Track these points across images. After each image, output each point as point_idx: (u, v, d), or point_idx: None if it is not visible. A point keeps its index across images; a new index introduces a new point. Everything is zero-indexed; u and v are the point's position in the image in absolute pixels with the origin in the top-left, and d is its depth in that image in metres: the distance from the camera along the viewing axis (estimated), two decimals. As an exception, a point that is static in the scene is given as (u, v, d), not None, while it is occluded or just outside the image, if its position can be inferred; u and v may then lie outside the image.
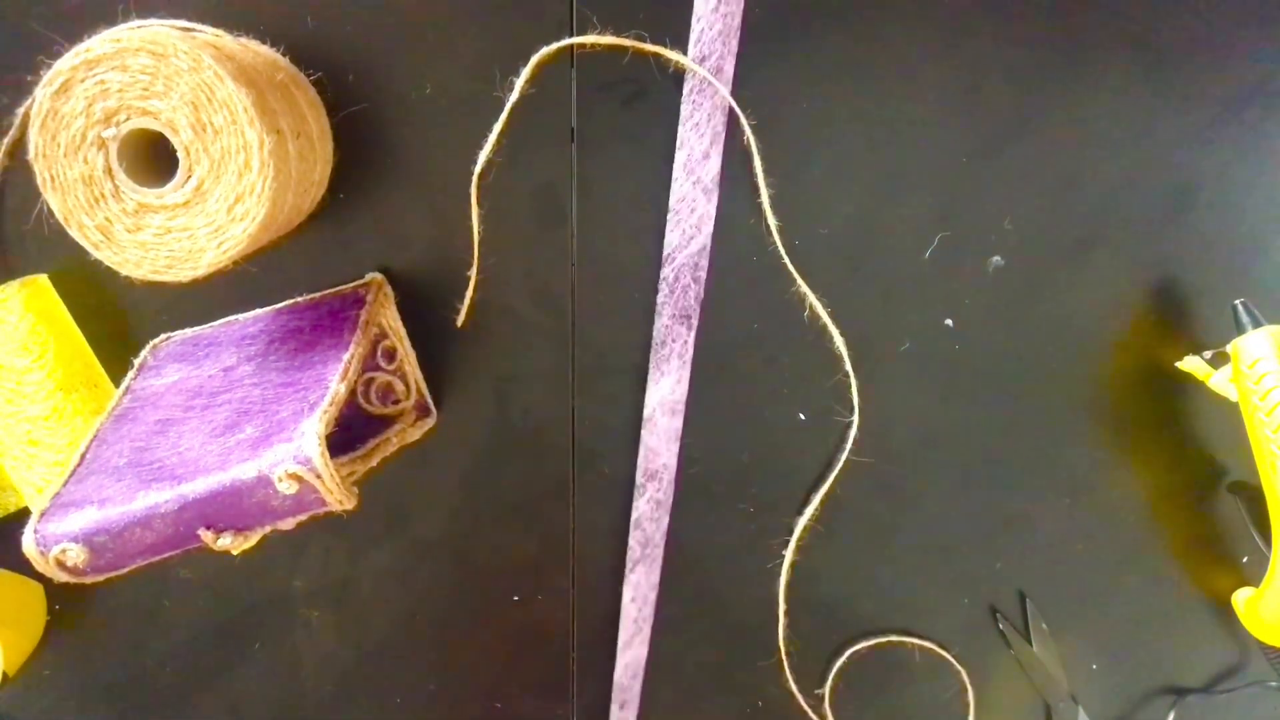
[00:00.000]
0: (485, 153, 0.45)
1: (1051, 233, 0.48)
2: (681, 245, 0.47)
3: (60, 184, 0.36)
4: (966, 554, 0.48)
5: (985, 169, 0.47)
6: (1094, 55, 0.45)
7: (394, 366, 0.46)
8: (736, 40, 0.44)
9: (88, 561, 0.35)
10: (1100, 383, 0.51)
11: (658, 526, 0.51)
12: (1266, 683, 0.54)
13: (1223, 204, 0.48)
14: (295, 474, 0.34)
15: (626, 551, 0.52)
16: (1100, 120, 0.46)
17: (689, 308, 0.47)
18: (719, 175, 0.46)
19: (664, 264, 0.48)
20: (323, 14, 0.43)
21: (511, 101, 0.44)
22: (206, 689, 0.54)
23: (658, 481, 0.50)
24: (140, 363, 0.46)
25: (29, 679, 0.52)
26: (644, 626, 0.52)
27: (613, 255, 0.47)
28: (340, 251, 0.47)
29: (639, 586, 0.51)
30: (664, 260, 0.48)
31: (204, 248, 0.37)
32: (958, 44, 0.45)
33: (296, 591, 0.52)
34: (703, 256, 0.47)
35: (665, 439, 0.49)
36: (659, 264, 0.48)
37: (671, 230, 0.47)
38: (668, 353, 0.48)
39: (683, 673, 0.54)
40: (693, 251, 0.47)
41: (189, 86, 0.35)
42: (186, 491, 0.35)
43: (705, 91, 0.45)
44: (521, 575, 0.53)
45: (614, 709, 0.54)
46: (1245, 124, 0.46)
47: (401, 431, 0.44)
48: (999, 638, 0.55)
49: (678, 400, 0.49)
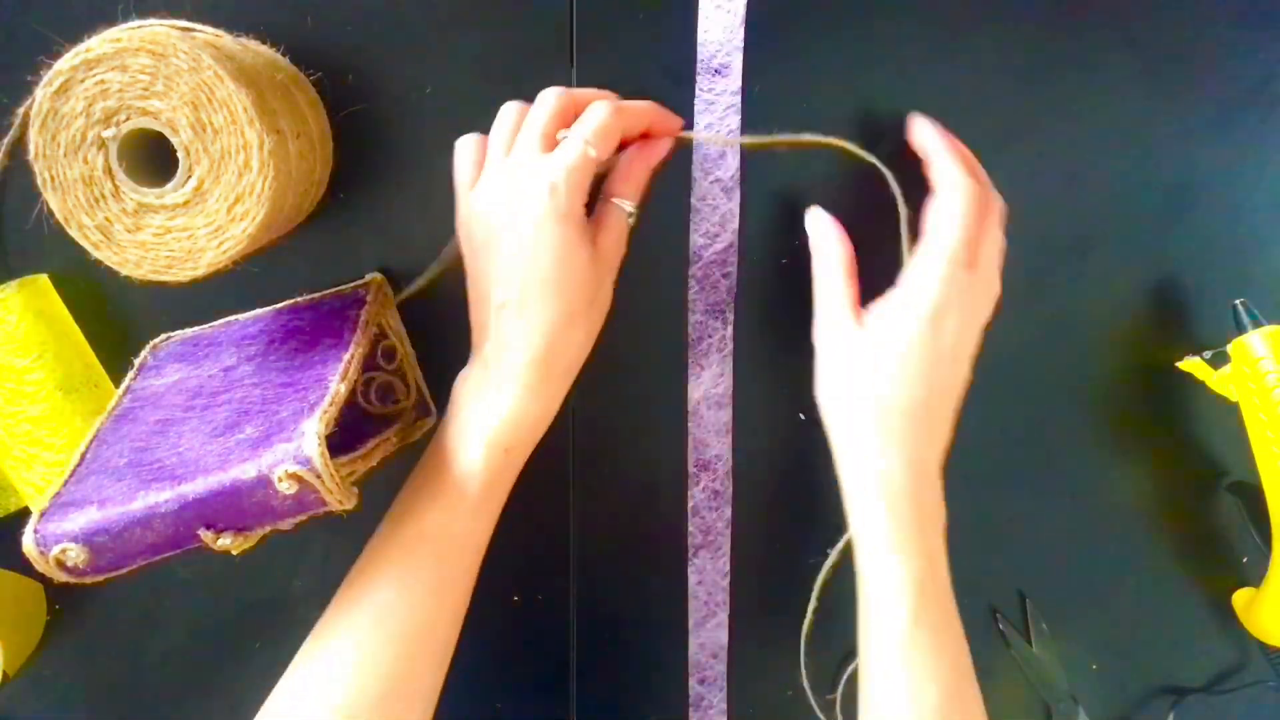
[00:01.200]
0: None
1: (1051, 233, 0.48)
2: (706, 244, 0.48)
3: (60, 184, 0.36)
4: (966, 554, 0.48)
5: (985, 169, 0.47)
6: (1094, 55, 0.45)
7: (394, 366, 0.46)
8: (742, 36, 0.44)
9: (88, 561, 0.35)
10: (1100, 383, 0.51)
11: (719, 515, 0.52)
12: (1266, 683, 0.54)
13: (1223, 204, 0.48)
14: (295, 474, 0.34)
15: (620, 548, 0.52)
16: (1100, 120, 0.46)
17: (722, 302, 0.48)
18: (738, 174, 0.46)
19: (691, 262, 0.48)
20: (323, 14, 0.43)
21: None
22: (206, 689, 0.54)
23: (712, 472, 0.51)
24: (140, 363, 0.46)
25: (29, 679, 0.52)
26: (718, 610, 0.54)
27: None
28: (340, 251, 0.47)
29: (704, 572, 0.53)
30: (692, 259, 0.48)
31: (204, 248, 0.37)
32: (958, 44, 0.45)
33: (296, 591, 0.52)
34: (730, 254, 0.48)
35: (714, 431, 0.50)
36: (673, 263, 0.48)
37: (695, 229, 0.47)
38: (705, 348, 0.49)
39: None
40: (719, 249, 0.48)
41: (189, 86, 0.35)
42: (186, 491, 0.35)
43: (717, 90, 0.45)
44: (521, 575, 0.53)
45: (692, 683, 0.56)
46: (1245, 124, 0.46)
47: (401, 431, 0.44)
48: (999, 638, 0.55)
49: (722, 393, 0.50)
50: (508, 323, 0.41)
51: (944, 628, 0.42)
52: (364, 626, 0.39)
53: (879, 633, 0.42)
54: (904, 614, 0.41)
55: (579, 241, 0.40)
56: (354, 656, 0.39)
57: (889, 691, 0.41)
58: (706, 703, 0.56)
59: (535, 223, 0.39)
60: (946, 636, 0.42)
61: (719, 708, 0.56)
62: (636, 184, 0.43)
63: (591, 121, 0.40)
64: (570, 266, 0.40)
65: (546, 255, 0.40)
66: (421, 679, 0.41)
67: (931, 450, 0.43)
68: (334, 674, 0.38)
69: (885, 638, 0.41)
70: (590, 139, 0.40)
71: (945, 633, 0.42)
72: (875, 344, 0.42)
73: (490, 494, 0.42)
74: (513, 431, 0.41)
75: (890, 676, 0.41)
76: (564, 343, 0.41)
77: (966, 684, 0.43)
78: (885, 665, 0.41)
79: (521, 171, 0.40)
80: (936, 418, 0.43)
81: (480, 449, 0.40)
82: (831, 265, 0.44)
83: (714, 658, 0.55)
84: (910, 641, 0.41)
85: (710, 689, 0.55)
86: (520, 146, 0.41)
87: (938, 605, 0.42)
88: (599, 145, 0.40)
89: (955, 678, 0.42)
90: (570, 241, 0.40)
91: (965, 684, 0.42)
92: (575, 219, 0.40)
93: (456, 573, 0.42)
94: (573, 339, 0.42)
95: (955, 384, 0.43)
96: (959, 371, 0.42)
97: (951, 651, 0.42)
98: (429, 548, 0.40)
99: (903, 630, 0.41)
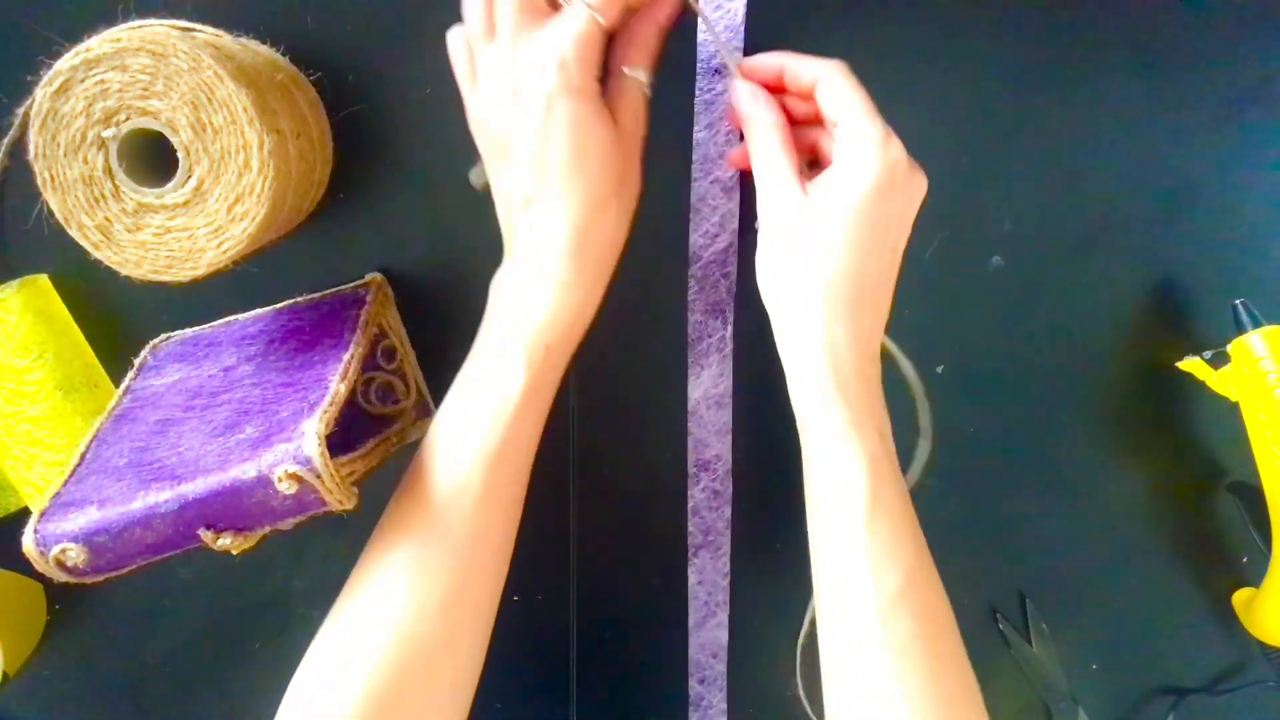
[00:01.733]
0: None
1: (1051, 233, 0.48)
2: (706, 244, 0.48)
3: (60, 184, 0.36)
4: (966, 554, 0.48)
5: (985, 169, 0.47)
6: (1094, 55, 0.45)
7: (394, 366, 0.46)
8: (742, 37, 0.44)
9: (88, 561, 0.35)
10: (1100, 383, 0.51)
11: (718, 515, 0.52)
12: (1266, 683, 0.54)
13: (1223, 204, 0.48)
14: (295, 474, 0.34)
15: (620, 548, 0.52)
16: (1100, 120, 0.46)
17: (722, 302, 0.48)
18: (738, 174, 0.46)
19: (691, 262, 0.48)
20: (323, 14, 0.43)
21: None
22: (206, 689, 0.54)
23: (712, 472, 0.51)
24: (140, 363, 0.46)
25: (29, 679, 0.52)
26: (718, 610, 0.54)
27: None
28: (340, 251, 0.47)
29: (704, 571, 0.53)
30: (691, 259, 0.48)
31: (204, 248, 0.37)
32: (958, 44, 0.45)
33: (296, 591, 0.52)
34: (730, 254, 0.48)
35: (714, 431, 0.50)
36: (673, 263, 0.48)
37: (695, 229, 0.47)
38: (705, 348, 0.48)
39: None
40: (719, 250, 0.48)
41: (189, 86, 0.35)
42: (186, 491, 0.35)
43: (718, 91, 0.45)
44: (521, 575, 0.53)
45: (692, 683, 0.56)
46: (1245, 124, 0.46)
47: (401, 431, 0.44)
48: (999, 638, 0.55)
49: (722, 393, 0.50)
50: (536, 217, 0.38)
51: (901, 508, 0.39)
52: (416, 539, 0.38)
53: (835, 521, 0.39)
54: (861, 498, 0.38)
55: (596, 119, 0.37)
56: (410, 567, 0.38)
57: (848, 583, 0.38)
58: (706, 703, 0.56)
59: (547, 105, 0.36)
60: (903, 517, 0.39)
61: (719, 708, 0.56)
62: (648, 50, 0.40)
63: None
64: (591, 147, 0.37)
65: (564, 139, 0.37)
66: (481, 589, 0.40)
67: (875, 325, 0.41)
68: (396, 584, 0.38)
69: (842, 525, 0.39)
70: (596, 3, 0.36)
71: (902, 514, 0.39)
72: (821, 214, 0.38)
73: (535, 396, 0.40)
74: (551, 328, 0.39)
75: (849, 567, 0.38)
76: (596, 229, 0.39)
77: (927, 567, 0.40)
78: (843, 554, 0.39)
79: (522, 52, 0.37)
80: (881, 292, 0.40)
81: (520, 349, 0.39)
82: (768, 133, 0.40)
83: (714, 658, 0.55)
84: (869, 527, 0.38)
85: (710, 689, 0.55)
86: (508, 23, 0.37)
87: (893, 486, 0.39)
88: (607, 11, 0.36)
89: (916, 560, 0.39)
90: (587, 120, 0.37)
91: (926, 566, 0.40)
92: (590, 95, 0.37)
93: (505, 479, 0.40)
94: (605, 224, 0.39)
95: (895, 260, 0.40)
96: (898, 248, 0.40)
97: (910, 533, 0.39)
98: (475, 454, 0.39)
99: (861, 516, 0.38)
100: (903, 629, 0.37)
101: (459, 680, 0.40)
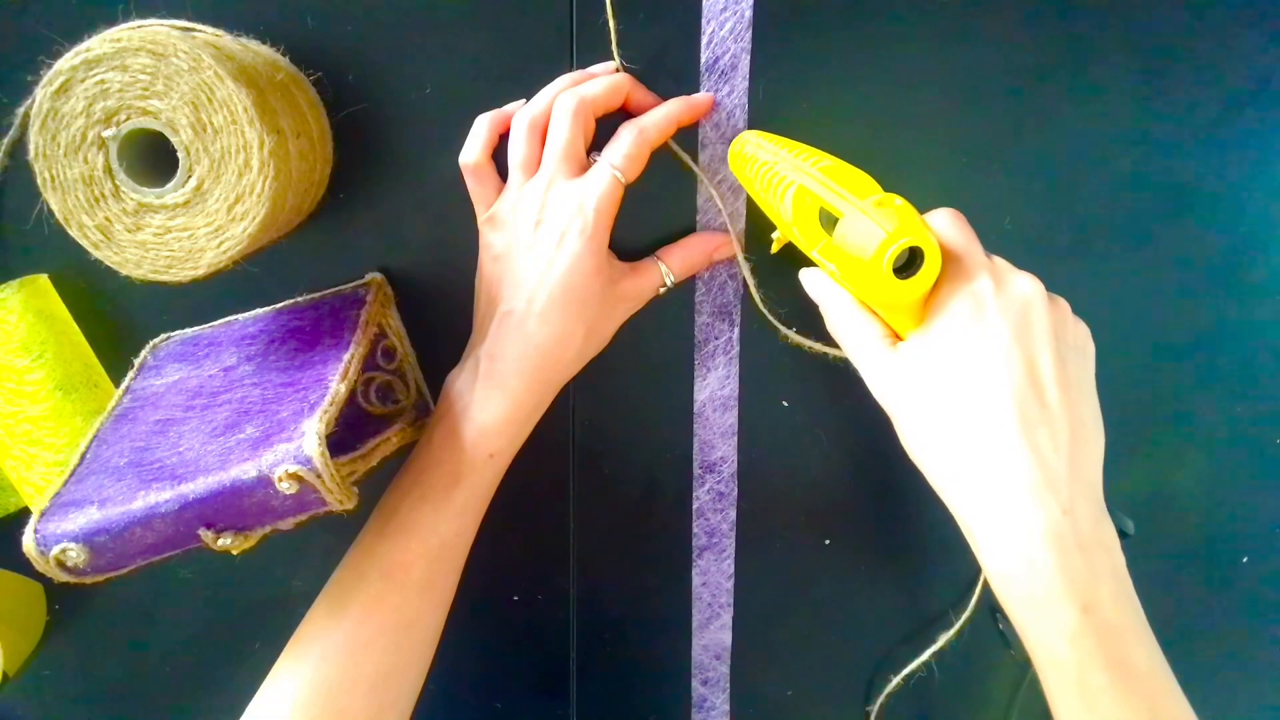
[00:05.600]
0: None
1: (1051, 233, 0.48)
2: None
3: (60, 184, 0.36)
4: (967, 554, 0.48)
5: (985, 169, 0.47)
6: (1094, 55, 0.45)
7: (394, 366, 0.46)
8: (749, 37, 0.44)
9: (88, 561, 0.35)
10: (1099, 382, 0.51)
11: (723, 517, 0.52)
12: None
13: (1223, 204, 0.48)
14: (295, 474, 0.34)
15: (620, 548, 0.52)
16: (1100, 120, 0.46)
17: (729, 304, 0.48)
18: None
19: None
20: (323, 14, 0.43)
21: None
22: (206, 689, 0.54)
23: (717, 474, 0.51)
24: (140, 363, 0.46)
25: (29, 679, 0.52)
26: (722, 612, 0.54)
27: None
28: (340, 251, 0.47)
29: (709, 573, 0.53)
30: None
31: (204, 248, 0.37)
32: (958, 44, 0.45)
33: (296, 591, 0.52)
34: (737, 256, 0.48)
35: (720, 433, 0.51)
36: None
37: (700, 230, 0.47)
38: (711, 350, 0.49)
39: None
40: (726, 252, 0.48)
41: (189, 86, 0.35)
42: (186, 491, 0.35)
43: (724, 90, 0.45)
44: (521, 575, 0.53)
45: (695, 684, 0.56)
46: (1245, 124, 0.46)
47: (401, 431, 0.44)
48: (999, 638, 0.55)
49: (729, 395, 0.50)
50: (508, 329, 0.42)
51: (1116, 691, 0.32)
52: (354, 617, 0.40)
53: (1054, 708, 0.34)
54: (1065, 691, 0.33)
55: (596, 267, 0.41)
56: (346, 645, 0.39)
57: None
58: (709, 704, 0.56)
59: (559, 239, 0.41)
60: (1122, 701, 0.32)
61: (721, 709, 0.56)
62: (690, 267, 0.46)
63: (621, 148, 0.41)
64: (580, 288, 0.41)
65: (561, 272, 0.41)
66: (409, 670, 0.42)
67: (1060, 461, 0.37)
68: (327, 657, 0.39)
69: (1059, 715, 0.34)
70: (619, 165, 0.41)
71: (1123, 698, 0.32)
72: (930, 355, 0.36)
73: (474, 495, 0.42)
74: (498, 436, 0.42)
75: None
76: (556, 359, 0.42)
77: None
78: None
79: (555, 192, 0.41)
80: (1052, 420, 0.37)
81: (465, 454, 0.41)
82: (845, 310, 0.38)
83: (717, 659, 0.55)
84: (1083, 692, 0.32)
85: (713, 690, 0.56)
86: (552, 166, 0.42)
87: (1104, 669, 0.32)
88: (628, 171, 0.42)
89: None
90: (588, 263, 0.41)
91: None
92: (599, 242, 0.41)
93: (443, 568, 0.42)
94: (566, 356, 0.43)
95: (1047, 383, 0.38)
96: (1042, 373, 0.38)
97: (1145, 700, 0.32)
98: (416, 544, 0.41)
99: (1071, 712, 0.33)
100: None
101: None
